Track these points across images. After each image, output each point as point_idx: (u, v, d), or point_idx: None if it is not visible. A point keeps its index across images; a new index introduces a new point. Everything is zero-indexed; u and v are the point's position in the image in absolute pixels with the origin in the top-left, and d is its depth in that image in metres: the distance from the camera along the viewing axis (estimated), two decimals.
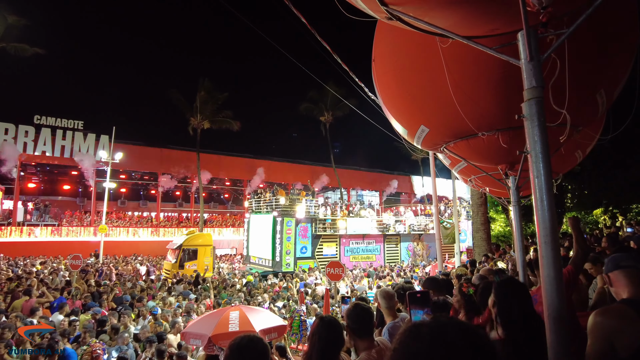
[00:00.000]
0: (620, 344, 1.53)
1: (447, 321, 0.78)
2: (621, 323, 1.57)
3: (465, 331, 0.75)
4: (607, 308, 1.70)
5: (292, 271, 18.31)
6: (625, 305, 1.64)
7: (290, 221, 20.20)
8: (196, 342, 5.26)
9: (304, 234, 20.67)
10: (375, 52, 4.00)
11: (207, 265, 18.25)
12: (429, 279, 4.22)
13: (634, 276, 1.70)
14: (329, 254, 21.36)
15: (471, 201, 13.31)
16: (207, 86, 28.32)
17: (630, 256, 1.76)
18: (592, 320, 1.64)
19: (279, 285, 13.23)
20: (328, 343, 2.03)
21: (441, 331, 0.75)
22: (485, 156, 3.87)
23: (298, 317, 7.65)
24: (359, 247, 22.74)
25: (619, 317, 1.59)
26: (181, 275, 15.16)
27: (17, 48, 22.91)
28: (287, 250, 19.85)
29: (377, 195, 42.29)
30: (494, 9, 1.81)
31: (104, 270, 15.37)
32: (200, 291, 11.37)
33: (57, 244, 25.48)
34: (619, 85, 3.27)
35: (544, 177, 1.63)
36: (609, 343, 1.56)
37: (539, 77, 1.69)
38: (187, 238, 18.68)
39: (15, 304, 7.79)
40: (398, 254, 24.01)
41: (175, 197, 39.29)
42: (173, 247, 18.71)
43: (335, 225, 21.93)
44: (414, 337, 0.76)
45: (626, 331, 1.55)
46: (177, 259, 17.77)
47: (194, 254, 18.24)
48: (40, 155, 25.81)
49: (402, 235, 24.34)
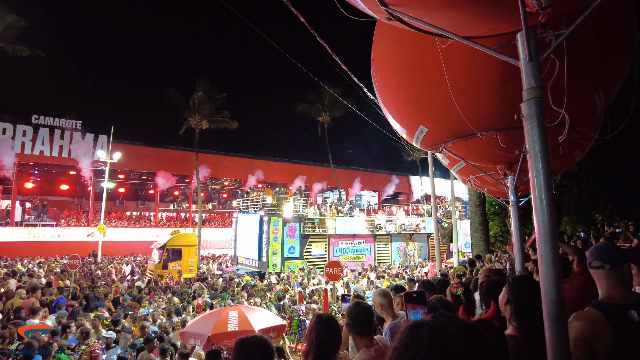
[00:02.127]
0: (596, 348, 1.58)
1: (446, 320, 0.78)
2: (594, 328, 1.61)
3: (465, 330, 0.76)
4: (581, 313, 1.73)
5: (278, 272, 17.97)
6: (595, 310, 1.68)
7: (277, 221, 19.82)
8: (195, 342, 5.26)
9: (292, 233, 20.28)
10: (374, 52, 4.01)
11: (191, 266, 17.95)
12: (424, 282, 4.27)
13: (602, 277, 1.76)
14: (317, 254, 21.08)
15: (469, 201, 13.36)
16: (205, 86, 28.27)
17: (599, 256, 1.80)
18: (570, 324, 1.67)
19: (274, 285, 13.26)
20: (326, 340, 2.06)
21: (441, 330, 0.75)
22: (484, 156, 3.88)
23: (297, 316, 7.65)
24: (349, 247, 22.45)
25: (591, 322, 1.63)
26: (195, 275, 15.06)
27: (15, 48, 22.82)
28: (274, 250, 19.46)
29: (375, 195, 42.32)
30: (494, 10, 1.82)
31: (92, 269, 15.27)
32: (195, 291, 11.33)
33: (55, 244, 25.41)
34: (617, 86, 3.28)
35: (543, 177, 1.63)
36: (587, 346, 1.59)
37: (538, 78, 1.70)
38: (171, 238, 18.28)
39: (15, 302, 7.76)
40: (389, 254, 23.75)
41: (173, 197, 39.24)
42: (157, 246, 18.32)
43: (324, 225, 21.58)
44: (414, 336, 0.76)
45: (598, 336, 1.59)
46: (161, 259, 17.35)
47: (178, 254, 17.83)
48: (38, 155, 25.73)
49: (393, 235, 24.03)
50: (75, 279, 11.94)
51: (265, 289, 12.20)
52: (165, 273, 16.44)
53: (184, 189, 37.56)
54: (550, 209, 1.62)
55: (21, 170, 28.04)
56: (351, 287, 12.84)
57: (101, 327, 6.31)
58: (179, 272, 16.93)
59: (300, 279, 14.76)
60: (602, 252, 1.81)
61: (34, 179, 32.35)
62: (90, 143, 27.08)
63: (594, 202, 12.85)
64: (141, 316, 7.52)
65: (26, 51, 23.33)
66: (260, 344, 1.84)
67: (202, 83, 28.24)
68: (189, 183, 33.63)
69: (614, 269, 1.77)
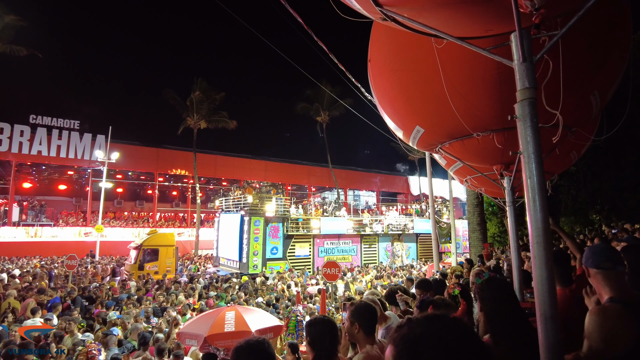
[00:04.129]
0: (617, 343, 1.57)
1: (434, 316, 0.85)
2: (618, 322, 1.60)
3: (454, 326, 0.82)
4: (604, 308, 1.72)
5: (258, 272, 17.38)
6: (618, 304, 1.67)
7: (258, 220, 19.17)
8: (192, 342, 5.25)
9: (274, 234, 19.66)
10: (371, 53, 4.01)
11: (169, 267, 17.17)
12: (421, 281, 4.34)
13: (613, 278, 1.75)
14: (302, 254, 20.53)
15: (467, 202, 13.38)
16: (202, 86, 28.31)
17: (610, 257, 1.80)
18: (591, 319, 1.66)
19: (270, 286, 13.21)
20: (326, 342, 2.10)
21: (431, 326, 0.81)
22: (481, 157, 3.88)
23: (294, 317, 7.64)
24: (335, 248, 21.87)
25: (620, 317, 1.61)
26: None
27: (12, 48, 22.75)
28: (255, 251, 18.76)
29: (374, 195, 42.35)
30: (487, 11, 1.82)
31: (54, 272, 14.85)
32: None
33: (53, 244, 25.35)
34: (612, 87, 3.29)
35: (536, 178, 1.63)
36: (606, 342, 1.58)
37: (531, 78, 1.70)
38: (147, 238, 17.64)
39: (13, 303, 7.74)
40: (376, 255, 23.27)
41: (171, 197, 39.18)
42: (134, 246, 17.65)
43: (308, 224, 21.01)
44: (407, 332, 0.83)
45: (621, 330, 1.58)
46: (137, 260, 16.67)
47: (155, 254, 17.11)
48: (36, 155, 25.66)
49: (380, 236, 23.50)
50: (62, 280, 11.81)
51: (262, 288, 12.17)
52: (141, 274, 15.72)
53: (182, 189, 37.51)
54: (544, 210, 1.62)
55: (19, 170, 27.96)
56: (356, 288, 12.74)
57: (76, 330, 6.09)
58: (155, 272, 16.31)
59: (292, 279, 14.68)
60: (614, 254, 1.84)
61: (31, 178, 32.27)
62: (88, 143, 27.02)
63: (591, 203, 12.88)
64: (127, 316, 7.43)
65: (24, 51, 23.29)
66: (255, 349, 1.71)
67: (199, 83, 28.27)
68: (188, 183, 33.60)
69: (624, 271, 1.81)
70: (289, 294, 11.21)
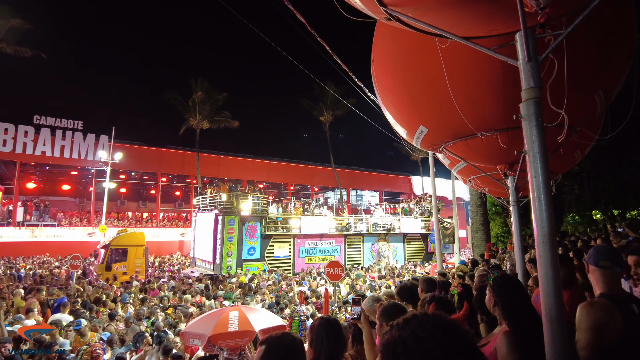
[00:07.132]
0: (606, 334, 1.71)
1: (412, 316, 0.89)
2: (606, 315, 1.74)
3: (443, 324, 0.85)
4: (593, 301, 1.86)
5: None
6: (606, 299, 1.81)
7: (232, 220, 18.22)
8: (196, 342, 5.26)
9: (252, 233, 18.76)
10: (374, 53, 4.01)
11: (138, 268, 16.33)
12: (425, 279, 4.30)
13: (608, 277, 1.88)
14: (281, 255, 19.62)
15: (470, 201, 13.35)
16: (204, 86, 28.35)
17: (610, 258, 1.92)
18: (581, 311, 1.81)
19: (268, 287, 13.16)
20: (333, 344, 2.08)
21: (407, 328, 0.85)
22: (484, 156, 3.88)
23: (298, 317, 7.65)
24: (316, 248, 20.82)
25: (605, 309, 1.76)
26: (201, 276, 14.45)
27: (17, 49, 22.86)
28: (228, 251, 17.85)
29: (376, 195, 42.32)
30: (492, 10, 1.82)
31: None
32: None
33: (57, 244, 25.46)
34: (617, 86, 3.27)
35: (542, 177, 1.63)
36: (600, 332, 1.71)
37: (536, 78, 1.70)
38: (115, 237, 16.82)
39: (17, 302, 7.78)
40: (361, 255, 22.31)
41: (174, 197, 39.28)
42: (101, 246, 16.78)
43: (288, 224, 20.13)
44: (389, 337, 0.87)
45: (609, 322, 1.72)
46: (104, 260, 15.87)
47: (124, 254, 16.27)
48: (40, 155, 25.78)
49: (365, 235, 22.46)
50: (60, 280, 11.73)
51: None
52: (108, 275, 15.12)
53: (185, 189, 37.60)
54: (549, 210, 1.62)
55: (23, 170, 28.11)
56: (365, 289, 12.67)
57: (58, 334, 5.90)
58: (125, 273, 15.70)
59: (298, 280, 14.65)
60: (615, 255, 1.94)
61: (35, 179, 32.44)
62: (91, 143, 27.13)
63: (595, 202, 12.82)
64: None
65: (28, 52, 23.39)
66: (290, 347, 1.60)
67: (200, 83, 28.32)
68: (191, 183, 33.67)
69: (621, 272, 1.94)
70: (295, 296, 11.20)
